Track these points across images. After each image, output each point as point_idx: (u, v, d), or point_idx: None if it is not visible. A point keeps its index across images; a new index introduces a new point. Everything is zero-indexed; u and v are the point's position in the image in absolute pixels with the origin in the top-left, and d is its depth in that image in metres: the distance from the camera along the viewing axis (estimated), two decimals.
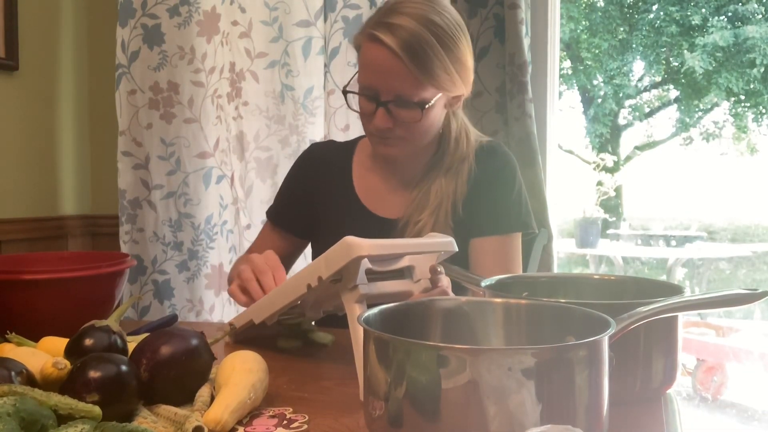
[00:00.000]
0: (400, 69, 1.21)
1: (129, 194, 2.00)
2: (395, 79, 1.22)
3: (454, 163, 1.35)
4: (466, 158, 1.36)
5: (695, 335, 3.94)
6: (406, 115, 1.25)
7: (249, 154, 2.02)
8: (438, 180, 1.35)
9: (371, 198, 1.42)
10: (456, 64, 1.25)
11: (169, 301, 2.01)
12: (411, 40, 1.20)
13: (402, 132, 1.28)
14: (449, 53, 1.23)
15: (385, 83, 1.23)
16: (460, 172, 1.35)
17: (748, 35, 8.20)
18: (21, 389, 0.70)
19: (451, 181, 1.35)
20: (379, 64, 1.23)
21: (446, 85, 1.26)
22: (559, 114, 2.14)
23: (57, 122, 2.12)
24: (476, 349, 0.67)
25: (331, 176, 1.45)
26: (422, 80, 1.22)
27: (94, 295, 1.25)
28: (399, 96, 1.24)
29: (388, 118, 1.25)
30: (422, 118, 1.25)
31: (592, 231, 5.22)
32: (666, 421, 0.82)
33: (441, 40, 1.22)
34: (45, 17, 2.06)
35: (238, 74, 2.00)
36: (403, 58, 1.20)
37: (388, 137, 1.29)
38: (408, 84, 1.22)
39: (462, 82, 1.29)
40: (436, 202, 1.33)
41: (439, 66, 1.22)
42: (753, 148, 9.43)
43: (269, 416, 0.83)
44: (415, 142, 1.31)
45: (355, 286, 0.90)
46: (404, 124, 1.26)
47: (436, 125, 1.32)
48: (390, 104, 1.24)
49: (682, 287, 0.91)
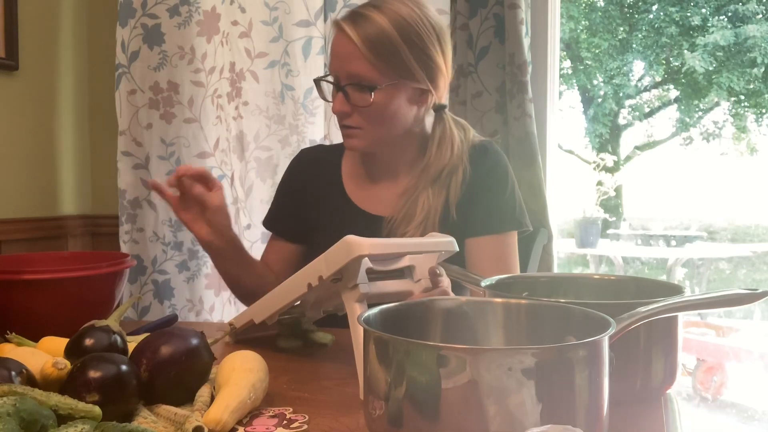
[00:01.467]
0: (354, 51, 1.25)
1: (129, 194, 2.00)
2: (350, 61, 1.26)
3: (442, 172, 1.34)
4: (457, 167, 1.35)
5: (695, 335, 3.94)
6: (358, 98, 1.27)
7: (249, 153, 2.02)
8: (426, 191, 1.34)
9: (360, 195, 1.42)
10: (417, 55, 1.27)
11: (169, 301, 2.01)
12: (369, 28, 1.24)
13: (359, 119, 1.29)
14: (410, 45, 1.26)
15: (342, 67, 1.27)
16: (451, 180, 1.34)
17: (748, 34, 8.19)
18: (21, 389, 0.70)
19: (440, 192, 1.34)
20: (338, 49, 1.28)
21: (401, 72, 1.27)
22: (559, 114, 2.14)
23: (57, 122, 2.12)
24: (476, 349, 0.67)
25: (322, 178, 1.46)
26: (374, 62, 1.24)
27: (94, 295, 1.25)
28: (354, 78, 1.26)
29: (345, 102, 1.28)
30: (372, 101, 1.26)
31: (592, 231, 5.22)
32: (666, 421, 0.82)
33: (403, 32, 1.25)
34: (45, 17, 2.06)
35: (238, 74, 2.00)
36: (356, 40, 1.24)
37: (349, 127, 1.31)
38: (360, 65, 1.25)
39: (425, 77, 1.29)
40: (423, 215, 1.32)
41: (392, 52, 1.25)
42: (753, 148, 9.43)
43: (269, 416, 0.83)
44: (374, 132, 1.31)
45: (356, 286, 0.90)
46: (361, 111, 1.28)
47: (398, 119, 1.31)
48: (347, 87, 1.27)
49: (682, 287, 0.91)
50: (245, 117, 2.01)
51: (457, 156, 1.35)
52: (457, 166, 1.35)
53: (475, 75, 1.97)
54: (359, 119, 1.29)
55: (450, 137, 1.36)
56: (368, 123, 1.30)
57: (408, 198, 1.35)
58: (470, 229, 1.35)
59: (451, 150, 1.35)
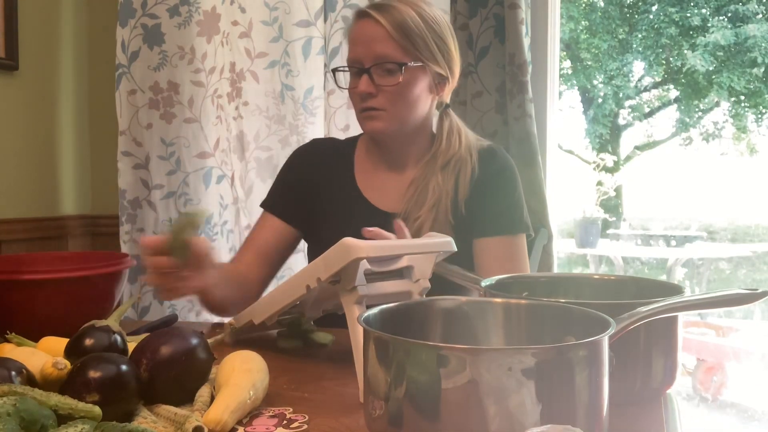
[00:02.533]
0: (381, 33, 1.30)
1: (129, 194, 2.00)
2: (378, 43, 1.30)
3: (450, 161, 1.37)
4: (466, 159, 1.38)
5: (695, 335, 3.94)
6: (387, 79, 1.30)
7: (249, 154, 2.02)
8: (434, 177, 1.36)
9: (371, 190, 1.43)
10: (438, 42, 1.33)
11: (169, 301, 2.01)
12: (395, 14, 1.31)
13: (383, 100, 1.32)
14: (431, 30, 1.32)
15: (369, 50, 1.31)
16: (460, 171, 1.37)
17: (749, 34, 8.19)
18: (21, 389, 0.70)
19: (449, 178, 1.36)
20: (363, 33, 1.32)
21: (425, 55, 1.32)
22: (559, 114, 2.14)
23: (57, 122, 2.12)
24: (476, 349, 0.67)
25: (333, 170, 1.46)
26: (401, 43, 1.29)
27: (94, 295, 1.25)
28: (381, 59, 1.30)
29: (370, 83, 1.31)
30: (403, 81, 1.30)
31: (592, 231, 5.22)
32: (666, 421, 0.82)
33: (424, 19, 1.32)
34: (45, 17, 2.06)
35: (238, 74, 2.00)
36: (385, 25, 1.29)
37: (372, 108, 1.33)
38: (389, 46, 1.30)
39: (444, 62, 1.35)
40: (434, 198, 1.34)
41: (417, 35, 1.30)
42: (753, 148, 9.43)
43: (269, 416, 0.83)
44: (397, 114, 1.33)
45: (354, 287, 0.90)
46: (386, 92, 1.31)
47: (419, 105, 1.35)
48: (373, 68, 1.31)
49: (682, 287, 0.91)
50: (245, 117, 2.01)
51: (465, 148, 1.39)
52: (466, 159, 1.38)
53: (475, 75, 1.97)
54: (383, 100, 1.32)
55: (458, 130, 1.41)
56: (392, 105, 1.32)
57: (418, 185, 1.37)
58: (479, 229, 1.36)
59: (459, 141, 1.39)
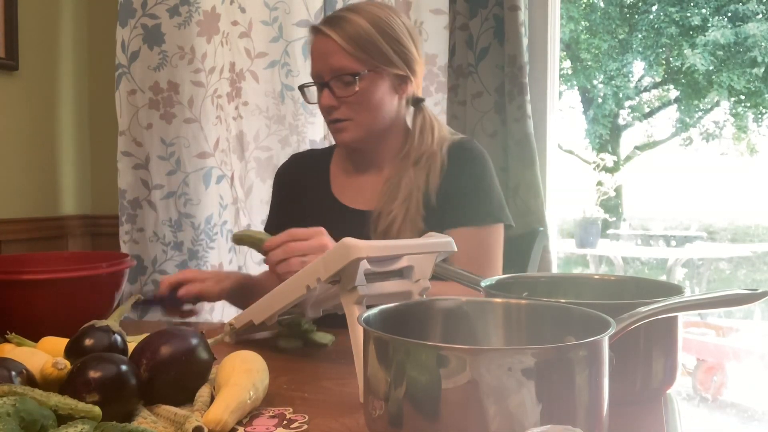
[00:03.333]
0: (333, 46, 1.33)
1: (129, 194, 2.00)
2: (330, 56, 1.34)
3: (422, 156, 1.39)
4: (436, 153, 1.40)
5: (695, 335, 3.94)
6: (345, 90, 1.34)
7: (249, 153, 2.03)
8: (407, 173, 1.39)
9: (346, 194, 1.47)
10: (393, 44, 1.35)
11: None
12: (346, 26, 1.34)
13: (347, 111, 1.35)
14: (383, 34, 1.34)
15: (324, 64, 1.35)
16: (431, 165, 1.39)
17: (749, 33, 8.19)
18: (21, 389, 0.70)
19: (420, 173, 1.38)
20: (319, 49, 1.36)
21: (379, 60, 1.34)
22: (559, 114, 2.14)
23: (57, 122, 2.12)
24: (476, 349, 0.67)
25: (311, 181, 1.51)
26: (354, 53, 1.32)
27: (94, 295, 1.25)
28: (336, 72, 1.34)
29: (331, 97, 1.35)
30: (357, 89, 1.33)
31: (592, 231, 5.22)
32: (666, 421, 0.82)
33: (376, 25, 1.34)
34: (45, 17, 2.06)
35: (238, 74, 2.00)
36: (335, 37, 1.33)
37: (338, 120, 1.36)
38: (342, 59, 1.33)
39: (402, 63, 1.36)
40: (406, 192, 1.37)
41: (369, 42, 1.33)
42: (753, 148, 9.43)
43: (269, 416, 0.83)
44: (362, 121, 1.36)
45: (354, 288, 0.90)
46: (347, 102, 1.34)
47: (384, 108, 1.37)
48: (331, 82, 1.34)
49: (682, 287, 0.91)
50: (245, 117, 2.01)
51: (437, 143, 1.41)
52: (436, 153, 1.40)
53: (475, 75, 1.97)
54: (347, 111, 1.35)
55: (430, 125, 1.42)
56: (356, 113, 1.35)
57: (391, 182, 1.40)
58: (447, 220, 1.37)
59: (432, 136, 1.41)
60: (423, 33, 1.95)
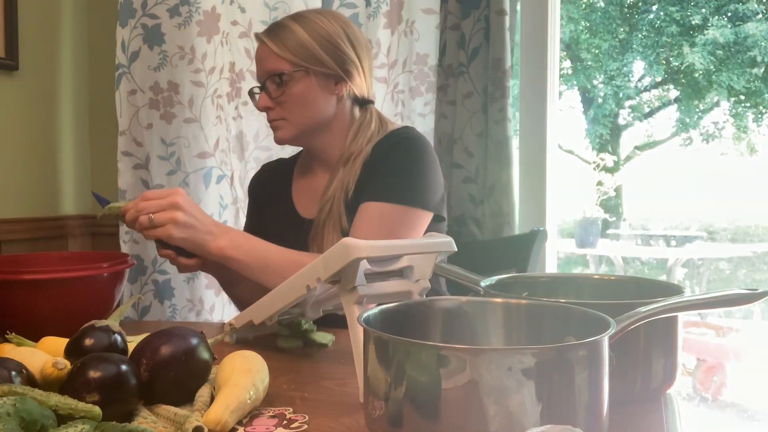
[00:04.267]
0: (267, 51, 1.39)
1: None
2: (265, 61, 1.39)
3: (351, 156, 1.41)
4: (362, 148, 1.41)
5: (695, 335, 3.94)
6: (277, 91, 1.38)
7: (249, 154, 2.03)
8: (337, 174, 1.41)
9: (302, 202, 1.49)
10: (325, 47, 1.37)
11: (169, 301, 2.01)
12: (279, 32, 1.39)
13: (280, 111, 1.40)
14: (314, 36, 1.37)
15: (261, 68, 1.41)
16: (356, 162, 1.40)
17: (748, 33, 8.19)
18: (21, 389, 0.70)
19: (348, 172, 1.40)
20: (257, 55, 1.42)
21: (308, 60, 1.37)
22: (559, 114, 2.15)
23: (57, 122, 2.12)
24: (476, 349, 0.67)
25: (275, 190, 1.54)
26: (282, 55, 1.36)
27: (94, 295, 1.25)
28: (267, 74, 1.39)
29: (267, 99, 1.40)
30: (290, 89, 1.37)
31: (592, 231, 5.22)
32: (666, 421, 0.82)
33: (310, 28, 1.37)
34: (45, 17, 2.06)
35: (238, 74, 2.00)
36: (269, 43, 1.38)
37: (273, 120, 1.41)
38: (273, 62, 1.38)
39: (334, 63, 1.38)
40: (330, 193, 1.39)
41: (298, 44, 1.37)
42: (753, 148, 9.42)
43: (269, 416, 0.83)
44: (294, 120, 1.40)
45: (354, 288, 0.90)
46: (281, 103, 1.39)
47: (315, 106, 1.39)
48: (266, 84, 1.39)
49: (682, 287, 0.91)
50: (245, 117, 2.02)
51: (369, 141, 1.42)
52: (362, 149, 1.41)
53: (466, 75, 1.98)
54: (280, 110, 1.40)
55: (367, 126, 1.43)
56: (288, 112, 1.39)
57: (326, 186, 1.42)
58: (361, 197, 1.35)
59: (366, 136, 1.42)
60: (414, 32, 1.95)
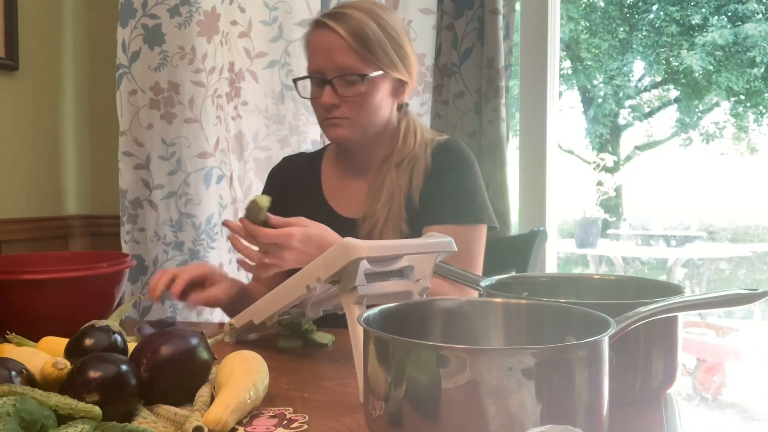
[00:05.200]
0: (343, 45, 1.32)
1: (130, 194, 2.00)
2: (338, 54, 1.32)
3: (405, 158, 1.40)
4: (420, 155, 1.41)
5: (695, 335, 3.94)
6: (349, 90, 1.33)
7: (248, 153, 2.03)
8: (389, 174, 1.39)
9: (337, 198, 1.47)
10: (396, 48, 1.35)
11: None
12: (353, 23, 1.32)
13: (347, 110, 1.35)
14: (389, 38, 1.34)
15: (330, 61, 1.33)
16: (414, 167, 1.40)
17: (748, 33, 8.19)
18: (21, 389, 0.70)
19: (402, 174, 1.39)
20: (324, 44, 1.34)
21: (385, 63, 1.34)
22: (559, 114, 2.15)
23: (57, 122, 2.12)
24: (476, 349, 0.67)
25: (301, 184, 1.51)
26: (362, 53, 1.32)
27: (94, 295, 1.25)
28: (342, 70, 1.33)
29: (334, 95, 1.34)
30: (365, 91, 1.33)
31: (592, 231, 5.22)
32: (666, 421, 0.82)
33: (381, 26, 1.33)
34: (45, 17, 2.06)
35: (237, 74, 2.00)
36: (344, 35, 1.31)
37: (335, 117, 1.36)
38: (350, 58, 1.32)
39: (403, 67, 1.37)
40: (388, 194, 1.38)
41: (377, 44, 1.33)
42: (753, 148, 9.42)
43: (269, 416, 0.83)
44: (360, 121, 1.36)
45: (354, 288, 0.90)
46: (349, 102, 1.34)
47: (381, 111, 1.38)
48: (335, 80, 1.33)
49: (682, 287, 0.91)
50: (244, 117, 2.02)
51: (420, 145, 1.42)
52: (420, 155, 1.41)
53: (458, 75, 1.98)
54: (346, 110, 1.35)
55: (413, 129, 1.43)
56: (355, 114, 1.36)
57: (374, 184, 1.41)
58: (430, 218, 1.37)
59: (414, 139, 1.42)
60: (412, 32, 1.96)
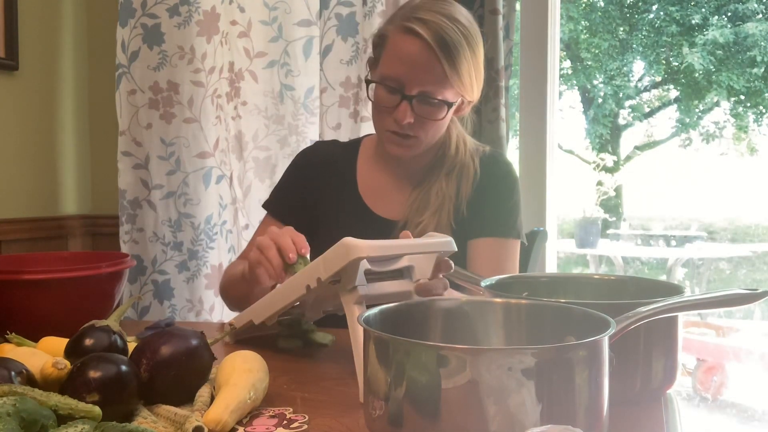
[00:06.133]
0: (433, 63, 1.23)
1: (129, 194, 2.00)
2: (425, 72, 1.24)
3: (455, 166, 1.38)
4: (468, 164, 1.39)
5: (695, 335, 3.94)
6: (428, 112, 1.27)
7: (248, 153, 2.03)
8: (438, 182, 1.37)
9: (374, 197, 1.42)
10: (477, 69, 1.29)
11: (169, 301, 2.01)
12: (444, 36, 1.22)
13: (419, 130, 1.29)
14: (474, 56, 1.27)
15: (415, 76, 1.24)
16: (463, 175, 1.38)
17: (748, 32, 8.19)
18: (21, 389, 0.70)
19: (452, 183, 1.37)
20: (411, 55, 1.24)
21: (467, 89, 1.29)
22: (559, 114, 2.15)
23: (57, 122, 2.12)
24: (476, 349, 0.67)
25: (335, 175, 1.45)
26: (451, 78, 1.24)
27: (94, 295, 1.25)
28: (425, 91, 1.25)
29: (410, 113, 1.26)
30: (436, 113, 1.27)
31: (592, 231, 5.22)
32: (666, 421, 0.82)
33: (468, 40, 1.25)
34: (45, 17, 2.06)
35: (237, 74, 2.00)
36: (437, 51, 1.22)
37: (405, 135, 1.29)
38: (437, 80, 1.24)
39: (478, 88, 1.33)
40: (438, 203, 1.35)
41: (465, 67, 1.25)
42: (753, 148, 9.42)
43: (269, 416, 0.83)
44: (427, 142, 1.33)
45: (354, 287, 0.90)
46: (422, 123, 1.27)
47: (444, 127, 1.35)
48: (414, 99, 1.25)
49: (682, 287, 0.91)
50: (244, 117, 2.02)
51: (468, 154, 1.40)
52: (468, 164, 1.39)
53: None
54: (419, 130, 1.29)
55: (462, 137, 1.42)
56: (425, 134, 1.30)
57: (421, 190, 1.37)
58: (474, 230, 1.37)
59: (464, 148, 1.40)
60: None
